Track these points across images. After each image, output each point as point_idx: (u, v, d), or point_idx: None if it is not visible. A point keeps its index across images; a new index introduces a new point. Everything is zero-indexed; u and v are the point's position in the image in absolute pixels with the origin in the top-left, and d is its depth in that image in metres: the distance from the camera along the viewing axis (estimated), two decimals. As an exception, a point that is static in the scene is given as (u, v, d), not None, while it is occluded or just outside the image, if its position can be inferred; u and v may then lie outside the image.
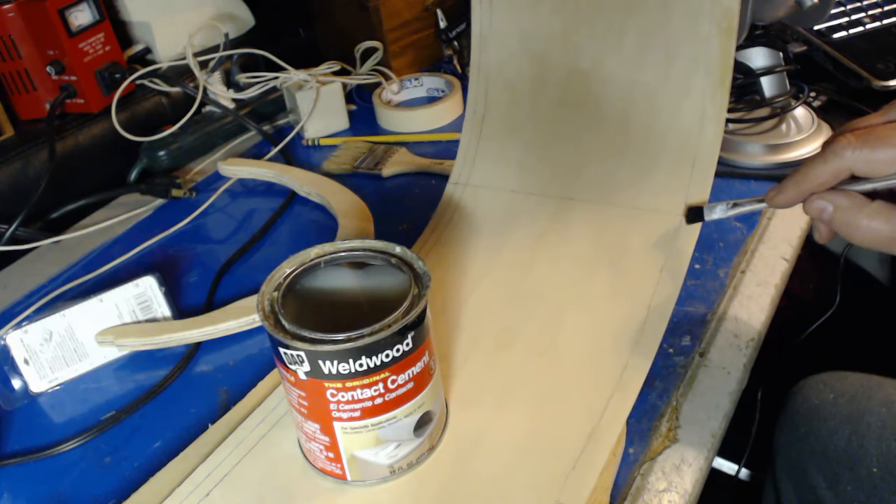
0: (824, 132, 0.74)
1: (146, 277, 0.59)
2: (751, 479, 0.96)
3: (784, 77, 0.74)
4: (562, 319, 0.55)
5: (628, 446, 0.47)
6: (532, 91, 0.65)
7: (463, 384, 0.52)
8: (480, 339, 0.55)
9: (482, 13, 0.65)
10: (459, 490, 0.45)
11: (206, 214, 0.78)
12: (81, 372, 0.58)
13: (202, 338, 0.59)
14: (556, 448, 0.46)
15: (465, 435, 0.48)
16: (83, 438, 0.53)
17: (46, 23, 0.79)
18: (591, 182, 0.64)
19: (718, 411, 0.49)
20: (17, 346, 0.56)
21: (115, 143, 0.83)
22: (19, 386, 0.56)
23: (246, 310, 0.60)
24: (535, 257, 0.61)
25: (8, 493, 0.50)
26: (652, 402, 0.50)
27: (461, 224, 0.66)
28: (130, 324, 0.59)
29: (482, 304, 0.58)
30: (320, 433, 0.44)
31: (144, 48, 0.94)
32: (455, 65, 1.00)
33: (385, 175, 0.80)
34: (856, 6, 0.86)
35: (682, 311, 0.56)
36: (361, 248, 0.47)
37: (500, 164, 0.67)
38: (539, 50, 0.64)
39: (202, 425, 0.52)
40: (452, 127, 0.88)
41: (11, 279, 0.72)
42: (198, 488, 0.46)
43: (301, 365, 0.41)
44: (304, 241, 0.59)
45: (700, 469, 0.46)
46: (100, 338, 0.58)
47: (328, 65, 0.92)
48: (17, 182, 0.77)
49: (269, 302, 0.43)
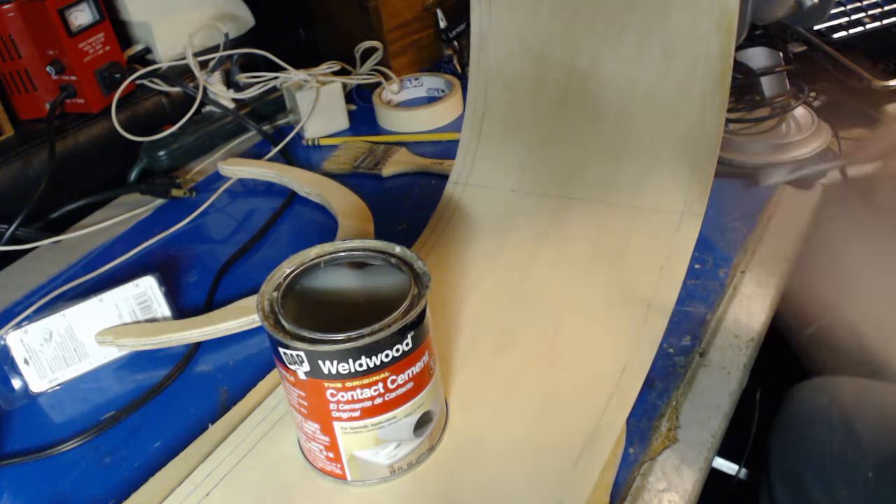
0: (824, 132, 0.73)
1: (146, 277, 0.59)
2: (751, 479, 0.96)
3: (784, 77, 0.74)
4: (561, 319, 0.55)
5: (628, 446, 0.47)
6: (532, 91, 0.65)
7: (463, 384, 0.52)
8: (480, 340, 0.55)
9: (481, 13, 0.65)
10: (459, 490, 0.45)
11: (206, 214, 0.78)
12: (81, 372, 0.58)
13: (202, 338, 0.59)
14: (556, 448, 0.46)
15: (465, 435, 0.48)
16: (83, 438, 0.53)
17: (46, 23, 0.79)
18: (591, 181, 0.64)
19: (718, 411, 0.49)
20: (17, 346, 0.56)
21: (115, 143, 0.83)
22: (19, 386, 0.56)
23: (245, 310, 0.60)
24: (535, 257, 0.61)
25: (8, 493, 0.50)
26: (652, 402, 0.50)
27: (461, 224, 0.66)
28: (130, 324, 0.59)
29: (482, 303, 0.58)
30: (320, 433, 0.44)
31: (144, 48, 0.94)
32: (455, 65, 1.00)
33: (385, 175, 0.80)
34: (856, 6, 0.86)
35: (682, 311, 0.56)
36: (361, 248, 0.47)
37: (500, 164, 0.67)
38: (538, 50, 0.64)
39: (202, 425, 0.52)
40: (452, 127, 0.88)
41: (11, 279, 0.72)
42: (198, 488, 0.46)
43: (301, 365, 0.41)
44: (304, 241, 0.59)
45: (700, 469, 0.46)
46: (99, 338, 0.58)
47: (328, 65, 0.92)
48: (17, 182, 0.77)
49: (269, 302, 0.43)
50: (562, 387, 0.50)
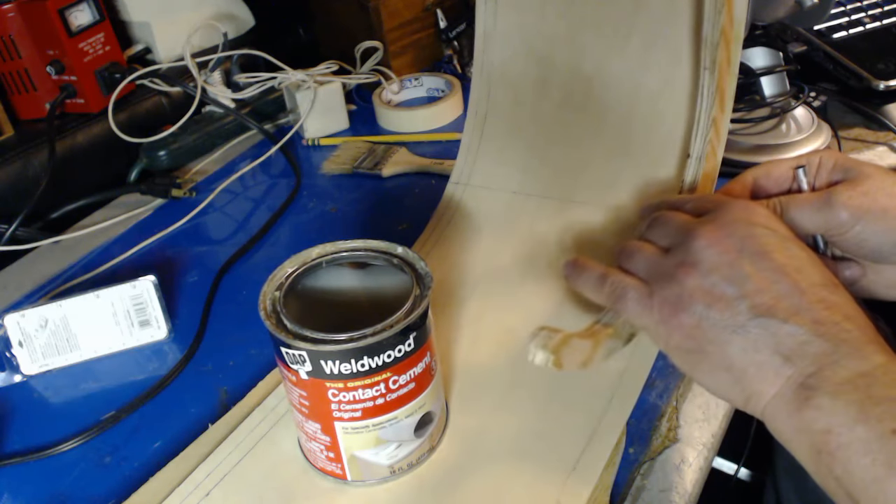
0: (824, 132, 0.74)
1: (144, 280, 0.59)
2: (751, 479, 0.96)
3: (784, 77, 0.74)
4: (562, 320, 0.55)
5: (628, 446, 0.47)
6: (535, 92, 0.65)
7: (463, 384, 0.52)
8: (481, 340, 0.55)
9: (486, 13, 0.65)
10: (459, 490, 0.45)
11: (205, 214, 0.78)
12: (71, 362, 0.59)
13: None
14: (556, 448, 0.46)
15: (465, 435, 0.48)
16: (83, 438, 0.52)
17: (46, 23, 0.79)
18: (593, 184, 0.64)
19: (718, 411, 0.49)
20: (14, 328, 0.57)
21: (115, 142, 0.82)
22: (11, 367, 0.58)
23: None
24: (536, 258, 0.61)
25: (8, 493, 0.49)
26: (652, 402, 0.50)
27: (461, 224, 0.66)
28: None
29: (482, 304, 0.58)
30: (321, 433, 0.44)
31: (144, 48, 0.94)
32: (455, 65, 1.00)
33: (385, 175, 0.80)
34: (856, 6, 0.86)
35: (682, 311, 0.56)
36: (363, 249, 0.47)
37: (502, 165, 0.67)
38: (543, 51, 0.64)
39: (202, 425, 0.52)
40: (452, 127, 0.88)
41: (11, 279, 0.72)
42: (198, 488, 0.46)
43: (303, 365, 0.41)
44: (304, 242, 0.59)
45: (700, 469, 0.46)
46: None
47: (326, 65, 0.92)
48: (17, 182, 0.77)
49: (271, 301, 0.43)
50: (562, 387, 0.50)
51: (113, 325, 0.59)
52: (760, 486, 0.76)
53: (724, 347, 0.38)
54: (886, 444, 0.33)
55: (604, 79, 0.61)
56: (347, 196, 0.78)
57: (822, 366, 0.35)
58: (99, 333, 0.59)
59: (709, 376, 0.40)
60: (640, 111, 0.61)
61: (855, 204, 0.42)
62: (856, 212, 0.42)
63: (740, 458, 0.89)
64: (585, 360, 0.44)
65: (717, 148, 0.52)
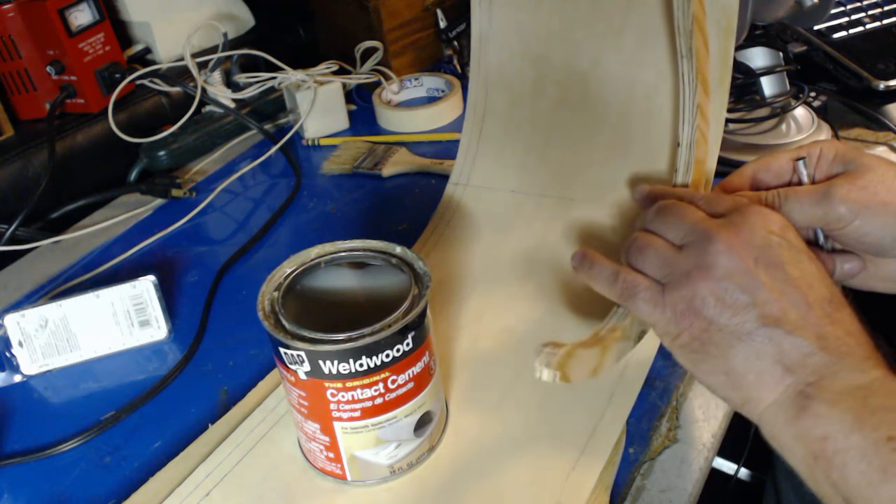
0: (824, 132, 0.74)
1: (144, 280, 0.59)
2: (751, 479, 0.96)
3: (784, 77, 0.74)
4: (562, 319, 0.55)
5: (628, 446, 0.47)
6: (532, 91, 0.65)
7: (463, 384, 0.52)
8: (480, 339, 0.55)
9: (481, 14, 0.65)
10: (459, 490, 0.45)
11: (205, 214, 0.78)
12: (71, 362, 0.59)
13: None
14: (556, 448, 0.46)
15: (465, 435, 0.48)
16: (83, 438, 0.53)
17: (46, 23, 0.79)
18: (592, 182, 0.64)
19: (718, 411, 0.49)
20: (14, 328, 0.57)
21: (115, 143, 0.83)
22: (11, 367, 0.58)
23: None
24: (535, 258, 0.61)
25: (8, 493, 0.50)
26: (652, 402, 0.50)
27: (461, 224, 0.66)
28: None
29: (482, 304, 0.58)
30: (320, 433, 0.44)
31: (144, 48, 0.94)
32: (455, 65, 1.00)
33: (385, 175, 0.80)
34: (856, 6, 0.86)
35: (682, 311, 0.56)
36: (362, 248, 0.47)
37: (500, 165, 0.67)
38: (539, 50, 0.64)
39: (202, 425, 0.52)
40: (452, 127, 0.88)
41: (11, 279, 0.72)
42: (198, 488, 0.46)
43: (301, 365, 0.41)
44: (304, 242, 0.59)
45: (700, 469, 0.46)
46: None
47: (326, 65, 0.92)
48: (17, 182, 0.77)
49: (270, 302, 0.43)
50: (562, 387, 0.50)
51: (113, 325, 0.59)
52: (760, 486, 0.76)
53: (727, 352, 0.39)
54: (881, 450, 0.34)
55: (600, 75, 0.61)
56: (347, 196, 0.78)
57: (821, 376, 0.37)
58: (99, 333, 0.59)
59: (708, 376, 0.40)
60: (637, 107, 0.61)
61: (853, 198, 0.42)
62: (854, 206, 0.42)
63: (740, 458, 0.89)
64: (595, 367, 0.44)
65: (708, 133, 0.52)
